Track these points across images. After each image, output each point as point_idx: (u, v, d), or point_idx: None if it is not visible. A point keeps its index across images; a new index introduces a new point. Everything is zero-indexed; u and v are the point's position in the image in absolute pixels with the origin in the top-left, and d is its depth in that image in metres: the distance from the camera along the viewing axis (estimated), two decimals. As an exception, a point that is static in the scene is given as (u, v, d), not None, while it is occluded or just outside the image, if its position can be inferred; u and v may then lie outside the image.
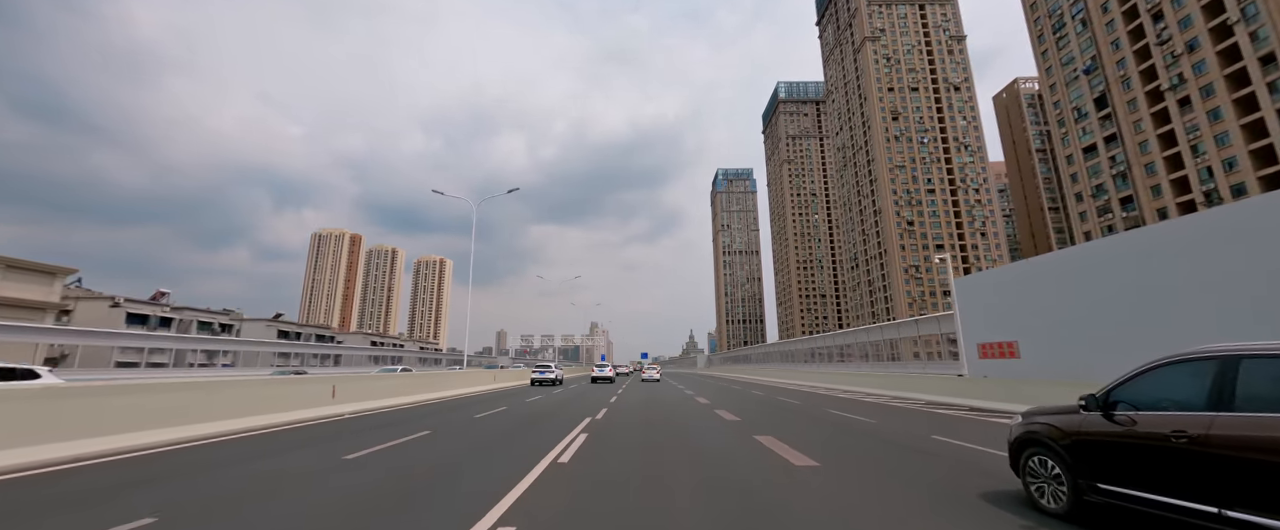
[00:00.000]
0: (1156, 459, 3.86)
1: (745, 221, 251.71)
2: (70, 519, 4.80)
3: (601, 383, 38.66)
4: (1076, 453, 4.48)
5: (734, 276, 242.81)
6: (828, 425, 12.35)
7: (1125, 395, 4.30)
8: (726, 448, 8.98)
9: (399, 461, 7.48)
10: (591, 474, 6.79)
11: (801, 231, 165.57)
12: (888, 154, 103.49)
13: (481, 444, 9.18)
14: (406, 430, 10.83)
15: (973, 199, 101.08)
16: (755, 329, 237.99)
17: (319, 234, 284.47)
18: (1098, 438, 4.34)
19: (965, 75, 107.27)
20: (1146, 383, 4.22)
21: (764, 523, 4.75)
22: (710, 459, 7.93)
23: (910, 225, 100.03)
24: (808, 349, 58.33)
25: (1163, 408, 3.98)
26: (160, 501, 5.32)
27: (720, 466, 7.36)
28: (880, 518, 4.94)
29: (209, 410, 10.07)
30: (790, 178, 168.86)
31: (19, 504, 5.30)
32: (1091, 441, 4.39)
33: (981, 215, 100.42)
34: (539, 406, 17.73)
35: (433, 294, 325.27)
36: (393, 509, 5.10)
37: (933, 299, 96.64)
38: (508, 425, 11.99)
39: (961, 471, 6.98)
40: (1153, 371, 4.20)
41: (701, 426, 12.00)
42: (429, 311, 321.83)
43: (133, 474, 6.62)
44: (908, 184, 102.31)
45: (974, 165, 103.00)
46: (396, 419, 13.15)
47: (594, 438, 10.02)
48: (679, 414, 15.44)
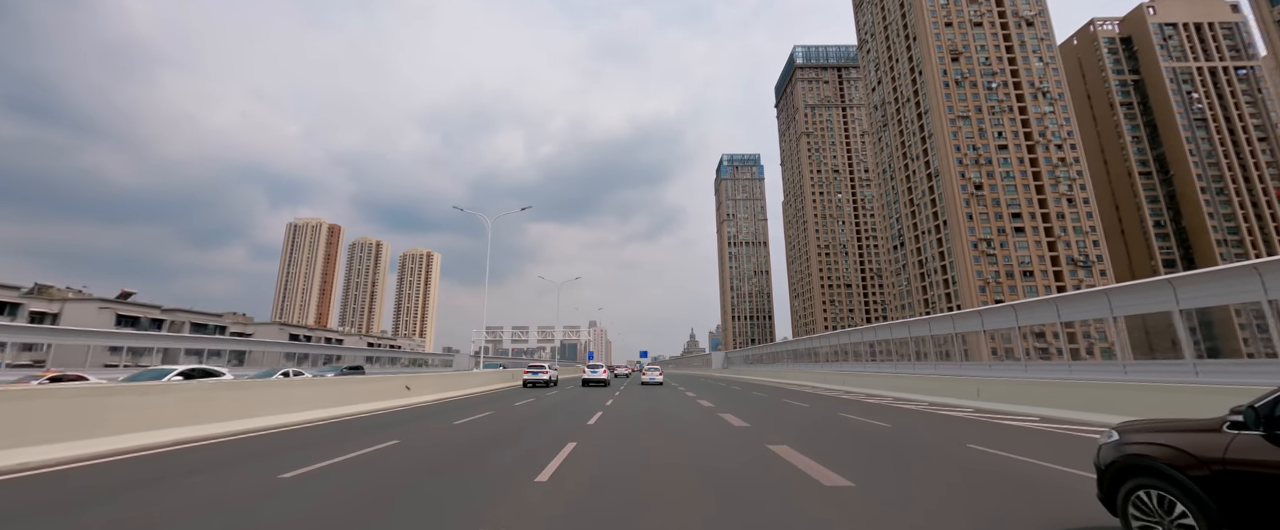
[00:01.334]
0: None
1: (752, 210, 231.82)
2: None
3: (595, 386, 32.34)
4: (1220, 489, 3.00)
5: (740, 270, 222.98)
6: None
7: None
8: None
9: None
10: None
11: (823, 213, 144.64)
12: (946, 103, 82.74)
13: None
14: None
15: (1055, 158, 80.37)
16: (763, 326, 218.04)
17: (294, 224, 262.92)
18: (1258, 469, 2.88)
19: (1039, 7, 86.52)
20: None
21: None
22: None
23: (978, 190, 79.27)
24: (870, 342, 38.22)
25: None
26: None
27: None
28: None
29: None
30: (810, 152, 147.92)
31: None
32: (1246, 474, 2.92)
33: (1067, 177, 79.69)
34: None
35: (419, 290, 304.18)
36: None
37: (1007, 280, 75.96)
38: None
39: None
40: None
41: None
42: (415, 309, 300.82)
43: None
44: (973, 139, 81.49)
45: (1054, 116, 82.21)
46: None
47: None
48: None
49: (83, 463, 6.97)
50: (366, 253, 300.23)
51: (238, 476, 6.43)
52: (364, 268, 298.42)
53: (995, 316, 21.66)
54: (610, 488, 5.84)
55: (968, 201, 78.70)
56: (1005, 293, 74.49)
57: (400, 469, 6.88)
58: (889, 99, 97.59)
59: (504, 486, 5.95)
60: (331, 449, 8.36)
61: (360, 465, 7.17)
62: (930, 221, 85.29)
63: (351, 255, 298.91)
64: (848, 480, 6.11)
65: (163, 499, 5.30)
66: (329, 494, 5.59)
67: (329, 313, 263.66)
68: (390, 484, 6.02)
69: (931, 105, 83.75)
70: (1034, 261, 76.34)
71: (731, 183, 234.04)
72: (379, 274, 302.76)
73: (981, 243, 77.20)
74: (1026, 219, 78.09)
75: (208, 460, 7.36)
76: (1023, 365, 20.33)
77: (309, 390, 12.86)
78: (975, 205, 78.55)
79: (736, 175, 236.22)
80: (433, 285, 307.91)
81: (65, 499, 5.36)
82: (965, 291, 76.29)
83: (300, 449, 8.37)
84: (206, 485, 5.91)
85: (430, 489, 5.82)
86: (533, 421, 13.30)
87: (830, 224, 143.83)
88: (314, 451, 8.12)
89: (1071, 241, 76.91)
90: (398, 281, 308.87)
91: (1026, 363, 20.65)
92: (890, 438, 9.92)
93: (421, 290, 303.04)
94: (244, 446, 8.57)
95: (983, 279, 75.89)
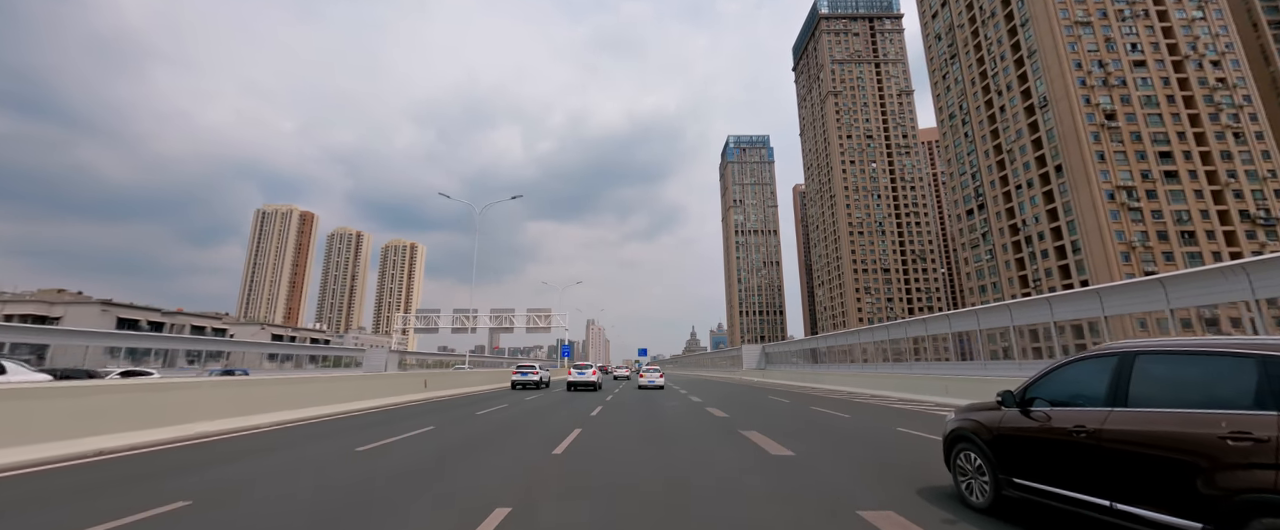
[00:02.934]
0: (1062, 454, 3.72)
1: (761, 196, 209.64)
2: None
3: (582, 390, 24.39)
4: (996, 448, 4.33)
5: (749, 260, 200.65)
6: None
7: (1042, 391, 4.13)
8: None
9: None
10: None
11: (855, 186, 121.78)
12: (1059, 6, 60.09)
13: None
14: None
15: (1212, 78, 57.88)
16: (774, 322, 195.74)
17: (263, 210, 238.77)
18: (1014, 433, 4.18)
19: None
20: (1061, 379, 4.07)
21: None
22: None
23: (1109, 121, 56.68)
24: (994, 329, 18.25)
25: (1075, 404, 3.80)
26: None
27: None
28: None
29: None
30: (838, 115, 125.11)
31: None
32: (1009, 437, 4.23)
33: (1229, 104, 57.15)
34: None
35: (402, 284, 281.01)
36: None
37: (1161, 244, 53.27)
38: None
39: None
40: (1065, 368, 4.10)
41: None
42: (397, 304, 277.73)
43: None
44: (1098, 52, 58.75)
45: (1204, 22, 59.72)
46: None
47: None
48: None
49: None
50: (346, 244, 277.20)
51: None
52: (343, 260, 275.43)
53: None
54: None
55: (1096, 136, 55.85)
56: (1158, 262, 51.81)
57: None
58: (961, 21, 74.74)
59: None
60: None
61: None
62: (1030, 171, 62.53)
63: (330, 247, 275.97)
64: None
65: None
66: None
67: (300, 308, 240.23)
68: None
69: (1035, 12, 60.94)
70: (1196, 218, 53.66)
71: (738, 166, 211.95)
72: (360, 267, 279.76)
73: (1120, 192, 54.40)
74: (1180, 160, 55.40)
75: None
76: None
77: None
78: (1108, 141, 55.72)
79: (744, 158, 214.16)
80: (417, 279, 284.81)
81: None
82: (1095, 260, 53.56)
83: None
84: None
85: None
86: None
87: (863, 199, 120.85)
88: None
89: (1244, 191, 54.29)
90: (379, 275, 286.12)
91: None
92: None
93: (404, 284, 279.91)
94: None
95: (1126, 242, 53.07)
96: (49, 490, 5.16)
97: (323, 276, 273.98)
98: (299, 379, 12.34)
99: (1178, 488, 2.95)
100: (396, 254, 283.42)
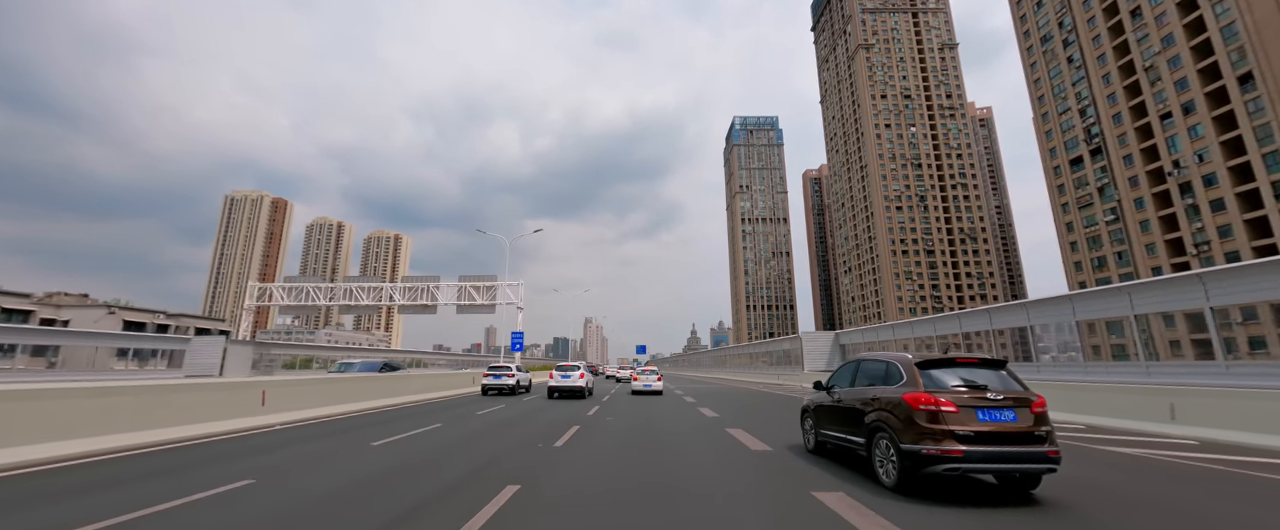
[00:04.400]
0: (833, 414, 7.01)
1: (770, 182, 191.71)
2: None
3: (567, 398, 19.43)
4: (815, 415, 7.75)
5: (756, 251, 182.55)
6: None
7: (832, 381, 7.38)
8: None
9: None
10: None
11: (892, 152, 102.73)
12: None
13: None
14: None
15: None
16: (783, 317, 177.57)
17: (231, 197, 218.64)
18: (820, 405, 7.55)
19: None
20: (839, 374, 7.29)
21: None
22: None
23: (1334, 1, 38.12)
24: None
25: (839, 386, 7.06)
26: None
27: None
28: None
29: None
30: (871, 71, 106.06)
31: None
32: (818, 407, 7.61)
33: None
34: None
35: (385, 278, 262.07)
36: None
37: None
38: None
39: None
40: (841, 368, 7.36)
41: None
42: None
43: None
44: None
45: None
46: None
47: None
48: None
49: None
50: (327, 236, 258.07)
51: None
52: (324, 253, 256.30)
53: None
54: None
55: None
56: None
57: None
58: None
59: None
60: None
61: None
62: (1188, 91, 43.75)
63: (309, 238, 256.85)
64: None
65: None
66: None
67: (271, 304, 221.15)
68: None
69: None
70: None
71: (745, 149, 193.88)
72: (340, 260, 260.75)
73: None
74: None
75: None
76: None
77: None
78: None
79: (751, 141, 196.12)
80: (401, 272, 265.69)
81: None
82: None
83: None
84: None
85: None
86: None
87: (902, 169, 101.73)
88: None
89: None
90: (361, 268, 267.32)
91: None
92: None
93: (388, 277, 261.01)
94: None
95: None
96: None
97: (301, 269, 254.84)
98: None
99: (858, 423, 6.11)
100: (379, 246, 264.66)
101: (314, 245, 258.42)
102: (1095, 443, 8.83)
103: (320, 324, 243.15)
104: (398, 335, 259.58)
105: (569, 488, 5.45)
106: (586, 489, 5.39)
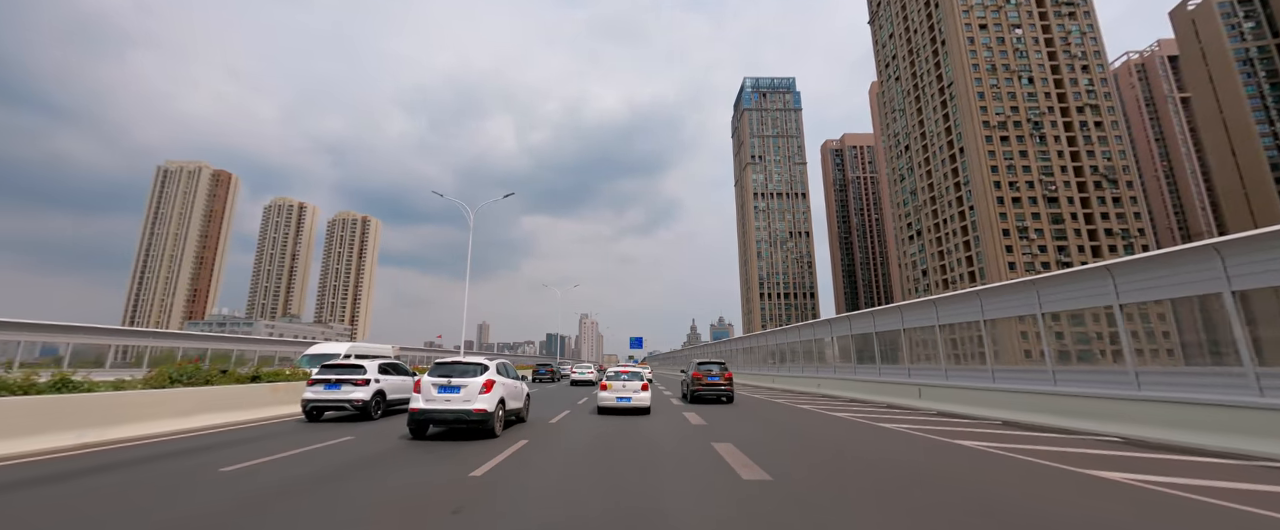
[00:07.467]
0: (691, 384, 19.13)
1: (787, 152, 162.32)
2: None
3: (441, 424, 9.33)
4: (688, 388, 19.34)
5: (771, 230, 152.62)
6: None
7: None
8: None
9: None
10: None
11: (990, 63, 72.50)
12: None
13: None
14: None
15: None
16: (802, 306, 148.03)
17: (164, 167, 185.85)
18: (690, 382, 19.29)
19: None
20: (685, 364, 27.23)
21: None
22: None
23: None
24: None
25: (686, 371, 21.03)
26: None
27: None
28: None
29: None
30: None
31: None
32: (690, 381, 19.30)
33: None
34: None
35: (351, 265, 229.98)
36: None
37: None
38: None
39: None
40: (694, 362, 20.54)
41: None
42: (344, 288, 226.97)
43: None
44: None
45: None
46: None
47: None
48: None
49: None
50: (286, 218, 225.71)
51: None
52: (282, 237, 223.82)
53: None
54: None
55: None
56: None
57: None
58: None
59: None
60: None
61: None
62: None
63: (267, 220, 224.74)
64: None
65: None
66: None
67: (211, 294, 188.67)
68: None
69: None
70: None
71: (758, 115, 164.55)
72: (301, 245, 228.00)
73: None
74: None
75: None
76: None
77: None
78: None
79: (764, 104, 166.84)
80: (369, 259, 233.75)
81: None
82: None
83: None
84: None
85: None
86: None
87: (1005, 85, 71.52)
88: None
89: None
90: (325, 254, 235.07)
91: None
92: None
93: (353, 265, 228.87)
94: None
95: None
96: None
97: (257, 256, 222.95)
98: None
99: (679, 389, 24.02)
100: (344, 228, 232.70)
101: (271, 229, 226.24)
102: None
103: (278, 314, 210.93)
104: (364, 326, 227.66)
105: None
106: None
